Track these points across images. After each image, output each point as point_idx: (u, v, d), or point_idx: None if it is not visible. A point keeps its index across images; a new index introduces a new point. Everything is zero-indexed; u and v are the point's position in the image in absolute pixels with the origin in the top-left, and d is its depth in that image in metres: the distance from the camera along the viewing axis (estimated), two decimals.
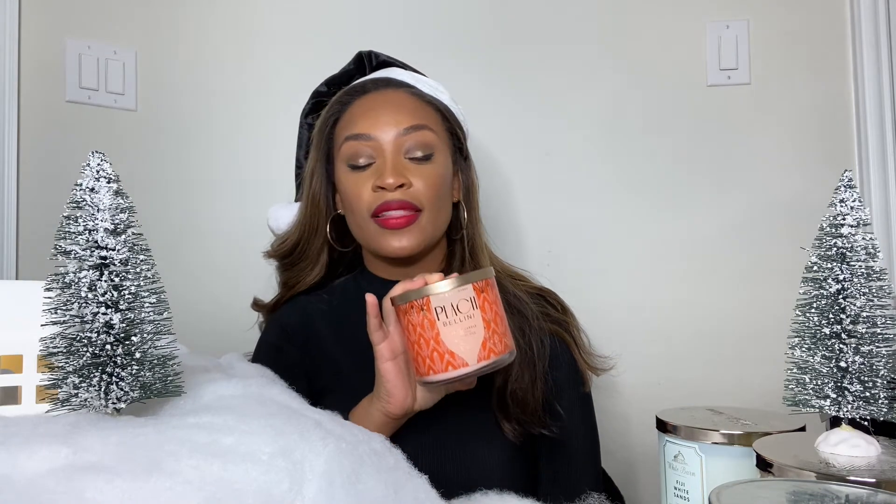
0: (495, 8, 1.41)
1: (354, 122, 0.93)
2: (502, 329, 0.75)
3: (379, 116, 0.92)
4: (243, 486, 0.47)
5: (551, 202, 1.39)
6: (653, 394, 1.32)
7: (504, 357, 0.75)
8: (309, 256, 1.00)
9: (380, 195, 0.89)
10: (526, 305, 0.94)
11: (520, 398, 0.88)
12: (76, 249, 0.53)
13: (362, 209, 0.90)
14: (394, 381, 0.79)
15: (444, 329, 0.72)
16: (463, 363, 0.72)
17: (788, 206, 1.33)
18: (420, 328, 0.73)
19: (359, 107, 0.94)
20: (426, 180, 0.90)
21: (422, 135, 0.92)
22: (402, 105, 0.93)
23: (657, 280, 1.36)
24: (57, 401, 0.52)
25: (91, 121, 1.34)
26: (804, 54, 1.35)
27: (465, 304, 0.73)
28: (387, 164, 0.89)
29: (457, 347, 0.72)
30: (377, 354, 0.79)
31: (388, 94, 0.95)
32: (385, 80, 0.98)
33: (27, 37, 1.28)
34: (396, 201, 0.88)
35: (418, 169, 0.91)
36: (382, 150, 0.91)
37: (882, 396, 0.57)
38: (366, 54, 1.04)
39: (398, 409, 0.79)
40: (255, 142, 1.41)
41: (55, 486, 0.43)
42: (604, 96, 1.39)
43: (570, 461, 0.93)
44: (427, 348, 0.73)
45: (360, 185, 0.91)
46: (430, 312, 0.73)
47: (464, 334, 0.73)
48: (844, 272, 0.58)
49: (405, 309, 0.74)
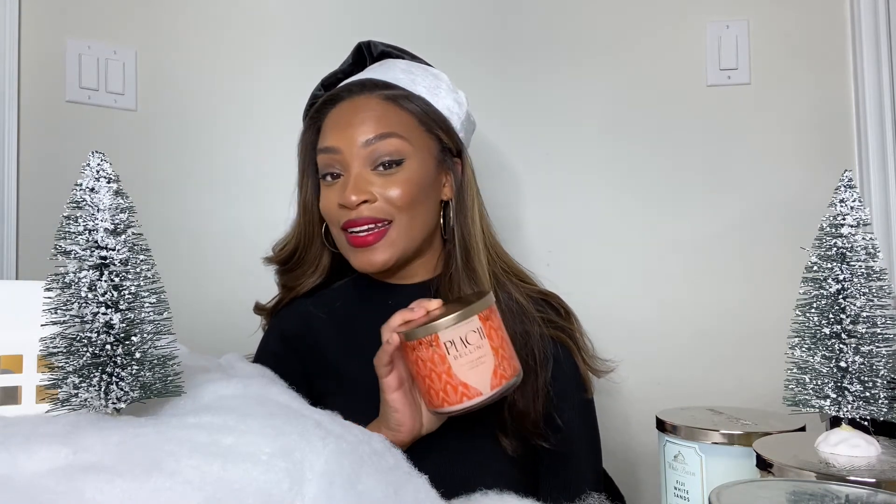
0: (496, 7, 1.41)
1: (326, 134, 0.93)
2: (510, 353, 0.76)
3: (344, 128, 0.91)
4: (243, 486, 0.47)
5: (552, 202, 1.39)
6: (653, 394, 1.32)
7: (514, 381, 0.76)
8: (308, 262, 1.00)
9: (345, 212, 0.89)
10: (528, 313, 0.92)
11: (520, 410, 0.87)
12: (76, 249, 0.53)
13: (333, 223, 0.92)
14: (402, 410, 0.79)
15: (455, 363, 0.73)
16: (477, 393, 0.73)
17: (788, 206, 1.32)
18: (431, 363, 0.74)
19: (331, 117, 0.94)
20: (396, 189, 0.89)
21: (387, 143, 0.90)
22: (368, 114, 0.91)
23: (657, 280, 1.36)
24: (57, 401, 0.52)
25: (91, 121, 1.34)
26: (804, 54, 1.35)
27: (473, 336, 0.74)
28: (349, 181, 0.89)
29: (469, 379, 0.73)
30: (384, 386, 0.79)
31: (357, 102, 0.93)
32: (361, 84, 0.96)
33: (27, 37, 1.28)
34: (362, 218, 0.88)
35: (386, 179, 0.89)
36: (348, 164, 0.90)
37: (882, 396, 0.57)
38: (364, 45, 1.04)
39: (408, 436, 0.80)
40: (255, 142, 1.41)
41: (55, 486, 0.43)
42: (604, 96, 1.39)
43: (571, 468, 0.92)
44: (440, 382, 0.74)
45: (330, 198, 0.91)
46: (439, 348, 0.73)
47: (475, 365, 0.74)
48: (844, 272, 0.58)
49: (413, 345, 0.74)
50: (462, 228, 0.94)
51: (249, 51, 1.42)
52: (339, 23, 1.41)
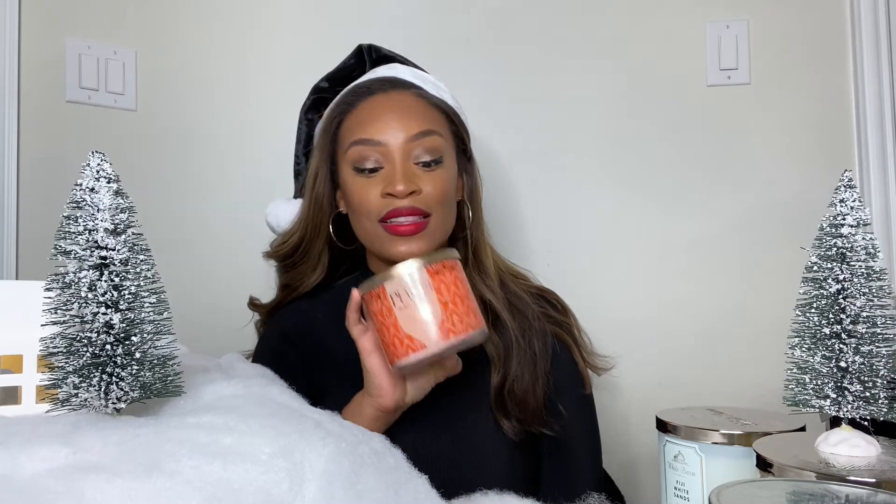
0: (496, 7, 1.41)
1: (362, 126, 0.92)
2: (463, 309, 0.76)
3: (387, 121, 0.90)
4: (243, 486, 0.47)
5: (551, 202, 1.39)
6: (653, 394, 1.32)
7: (471, 336, 0.76)
8: (311, 257, 0.99)
9: (389, 202, 0.88)
10: (527, 305, 0.94)
11: (520, 397, 0.88)
12: (76, 249, 0.53)
13: (371, 214, 0.90)
14: (380, 374, 0.79)
15: (399, 314, 0.74)
16: (421, 346, 0.74)
17: (788, 206, 1.32)
18: (380, 316, 0.75)
19: (365, 109, 0.93)
20: (435, 185, 0.90)
21: (430, 140, 0.91)
22: (409, 109, 0.92)
23: (657, 280, 1.35)
24: (57, 401, 0.52)
25: (91, 121, 1.34)
26: (804, 54, 1.35)
27: (418, 289, 0.75)
28: (396, 171, 0.89)
29: (413, 331, 0.74)
30: (360, 349, 0.80)
31: (394, 97, 0.94)
32: (390, 81, 0.97)
33: (27, 37, 1.28)
34: (406, 208, 0.88)
35: (427, 174, 0.90)
36: (391, 156, 0.90)
37: (882, 396, 0.57)
38: (366, 48, 1.03)
39: (389, 402, 0.79)
40: (255, 141, 1.41)
41: (55, 486, 0.43)
42: (604, 96, 1.39)
43: (570, 462, 0.93)
44: (389, 335, 0.75)
45: (368, 189, 0.90)
46: (386, 300, 0.75)
47: (419, 317, 0.74)
48: (844, 272, 0.58)
49: (367, 299, 0.76)
50: (475, 229, 0.97)
51: (249, 51, 1.42)
52: (338, 23, 1.41)
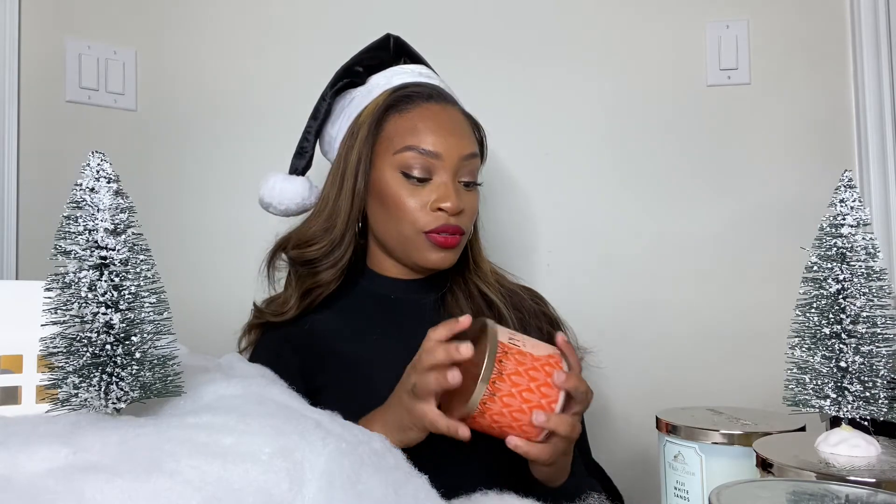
0: (496, 7, 1.41)
1: (418, 132, 0.92)
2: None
3: (446, 136, 0.92)
4: (243, 486, 0.47)
5: (551, 202, 1.39)
6: (653, 394, 1.32)
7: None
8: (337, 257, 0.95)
9: (439, 216, 0.91)
10: (523, 300, 1.00)
11: None
12: (76, 249, 0.53)
13: (415, 223, 0.91)
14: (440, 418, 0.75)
15: (533, 352, 0.76)
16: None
17: (788, 206, 1.32)
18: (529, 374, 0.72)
19: (422, 116, 0.93)
20: (471, 206, 0.95)
21: (475, 162, 0.96)
22: (463, 128, 0.96)
23: (657, 280, 1.35)
24: (57, 401, 0.52)
25: (91, 121, 1.34)
26: (804, 54, 1.35)
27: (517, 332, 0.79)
28: (449, 189, 0.91)
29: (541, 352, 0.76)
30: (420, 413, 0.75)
31: (450, 112, 0.96)
32: (438, 92, 0.98)
33: (27, 37, 1.28)
34: (452, 226, 0.92)
35: (467, 194, 0.94)
36: (444, 172, 0.92)
37: (882, 396, 0.57)
38: (394, 38, 1.03)
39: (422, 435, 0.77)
40: (255, 141, 1.41)
41: (55, 486, 0.43)
42: (604, 96, 1.39)
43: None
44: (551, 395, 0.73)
45: (416, 198, 0.92)
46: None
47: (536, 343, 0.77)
48: (844, 272, 0.58)
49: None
50: (475, 242, 1.03)
51: (249, 51, 1.42)
52: (338, 24, 1.41)
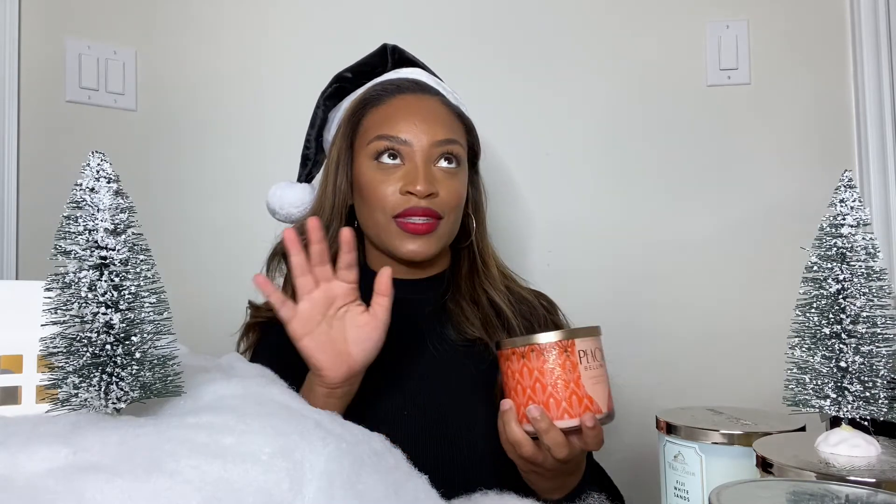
0: (496, 8, 1.41)
1: (391, 121, 0.94)
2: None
3: (415, 122, 0.93)
4: (243, 486, 0.47)
5: (551, 202, 1.39)
6: (653, 394, 1.32)
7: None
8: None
9: (407, 199, 0.91)
10: (533, 308, 1.00)
11: None
12: (76, 249, 0.53)
13: (385, 209, 0.92)
14: (316, 355, 0.78)
15: (584, 373, 0.74)
16: (598, 409, 0.75)
17: (788, 206, 1.32)
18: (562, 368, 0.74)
19: (394, 106, 0.95)
20: (450, 191, 0.93)
21: (452, 148, 0.95)
22: (436, 115, 0.95)
23: (657, 279, 1.35)
24: (57, 401, 0.52)
25: (91, 121, 1.34)
26: (804, 54, 1.35)
27: (599, 353, 0.77)
28: (419, 171, 0.91)
29: (594, 392, 0.75)
30: (290, 334, 0.79)
31: (423, 100, 0.97)
32: (418, 84, 0.99)
33: (27, 37, 1.28)
34: (422, 208, 0.90)
35: (445, 179, 0.93)
36: (414, 156, 0.92)
37: (882, 396, 0.56)
38: (390, 48, 1.05)
39: (337, 376, 0.79)
40: (255, 141, 1.41)
41: (55, 486, 0.43)
42: (604, 96, 1.39)
43: None
44: (565, 390, 0.74)
45: (385, 184, 0.92)
46: (573, 355, 0.74)
47: (598, 381, 0.75)
48: (844, 272, 0.58)
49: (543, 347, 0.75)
50: (480, 240, 1.01)
51: (249, 51, 1.42)
52: (338, 24, 1.41)
